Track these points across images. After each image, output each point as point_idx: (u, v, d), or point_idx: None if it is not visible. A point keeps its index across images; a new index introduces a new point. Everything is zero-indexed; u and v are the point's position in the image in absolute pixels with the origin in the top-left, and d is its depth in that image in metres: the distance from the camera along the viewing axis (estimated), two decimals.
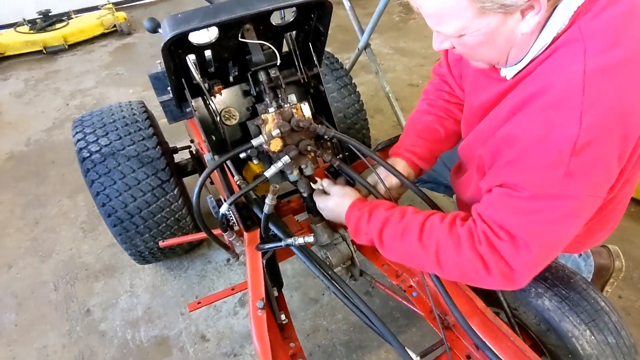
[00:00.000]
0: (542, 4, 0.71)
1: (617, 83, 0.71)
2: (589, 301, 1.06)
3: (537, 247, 0.79)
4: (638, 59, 0.72)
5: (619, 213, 1.13)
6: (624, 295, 1.69)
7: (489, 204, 0.85)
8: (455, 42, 0.83)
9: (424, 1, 0.77)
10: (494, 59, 0.86)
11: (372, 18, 2.37)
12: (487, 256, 0.82)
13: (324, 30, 1.11)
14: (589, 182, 0.74)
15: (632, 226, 1.99)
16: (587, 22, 0.74)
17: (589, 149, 0.71)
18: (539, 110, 0.76)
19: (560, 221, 0.77)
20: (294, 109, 1.11)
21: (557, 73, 0.75)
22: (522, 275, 0.83)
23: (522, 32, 0.76)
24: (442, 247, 0.88)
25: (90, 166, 1.59)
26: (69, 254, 2.21)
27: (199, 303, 1.28)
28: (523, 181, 0.78)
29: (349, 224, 1.04)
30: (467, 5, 0.72)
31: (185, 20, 0.90)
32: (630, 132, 0.74)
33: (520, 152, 0.78)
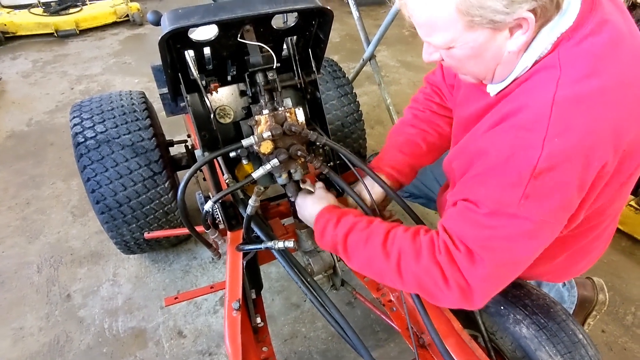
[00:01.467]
0: (530, 24, 0.71)
1: (587, 115, 0.71)
2: (567, 332, 1.05)
3: (491, 263, 0.79)
4: (613, 90, 0.72)
5: (603, 243, 1.13)
6: (607, 330, 1.68)
7: (452, 217, 0.86)
8: (444, 54, 0.83)
9: (416, 11, 0.78)
10: (480, 73, 0.86)
11: (379, 30, 2.38)
12: (445, 266, 0.82)
13: (324, 38, 1.12)
14: (545, 207, 0.74)
15: (622, 261, 1.98)
16: (568, 49, 0.75)
17: (548, 175, 0.71)
18: (510, 129, 0.77)
19: (515, 240, 0.78)
20: (288, 112, 1.11)
21: (531, 96, 0.76)
22: (477, 291, 0.82)
23: (509, 50, 0.77)
24: (403, 255, 0.88)
25: (83, 151, 1.59)
26: (56, 237, 2.20)
27: (176, 298, 1.27)
28: (484, 197, 0.79)
29: (317, 226, 1.04)
30: (457, 17, 0.73)
31: (186, 15, 0.90)
32: (593, 164, 0.73)
33: (488, 168, 0.79)
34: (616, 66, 0.73)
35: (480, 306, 0.87)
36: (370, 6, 5.48)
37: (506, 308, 1.10)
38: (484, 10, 0.70)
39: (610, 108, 0.72)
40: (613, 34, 0.75)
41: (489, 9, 0.69)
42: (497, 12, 0.69)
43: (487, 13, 0.70)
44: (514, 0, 0.68)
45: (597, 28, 0.74)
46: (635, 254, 2.00)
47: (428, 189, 1.58)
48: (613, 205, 0.95)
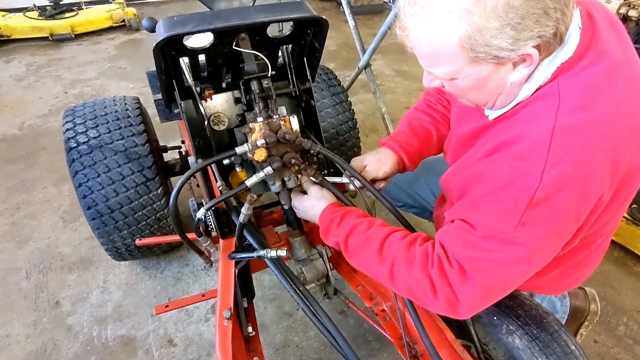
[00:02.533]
0: (534, 59, 0.71)
1: (583, 145, 0.71)
2: (559, 343, 1.05)
3: (481, 283, 0.79)
4: (609, 120, 0.73)
5: (597, 257, 1.13)
6: (599, 340, 1.68)
7: (448, 234, 0.86)
8: (445, 83, 0.83)
9: (420, 44, 0.77)
10: (481, 102, 0.87)
11: (375, 39, 2.39)
12: (436, 280, 0.83)
13: (319, 47, 1.12)
14: (540, 234, 0.75)
15: (614, 271, 1.99)
16: (568, 79, 0.75)
17: (545, 205, 0.72)
18: (508, 157, 0.77)
19: (507, 264, 0.78)
20: (283, 120, 1.11)
21: (530, 124, 0.76)
22: (465, 306, 0.83)
23: (512, 81, 0.77)
24: (397, 263, 0.89)
25: (75, 157, 1.57)
26: (46, 243, 2.17)
27: (167, 306, 1.26)
28: (480, 221, 0.79)
29: (321, 225, 1.06)
30: (460, 53, 0.72)
31: (181, 23, 0.90)
32: (590, 194, 0.74)
33: (485, 194, 0.79)
34: (612, 97, 0.74)
35: (464, 318, 0.88)
36: (367, 15, 5.53)
37: (499, 318, 1.10)
38: (489, 48, 0.70)
39: (606, 138, 0.72)
40: (610, 65, 0.75)
41: (494, 46, 0.69)
42: (502, 50, 0.69)
43: (492, 50, 0.70)
44: (520, 38, 0.68)
45: (596, 59, 0.75)
46: (628, 264, 2.01)
47: (423, 199, 1.59)
48: (608, 226, 0.96)
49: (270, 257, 0.99)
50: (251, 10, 0.96)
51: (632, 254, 2.02)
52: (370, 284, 1.30)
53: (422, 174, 1.52)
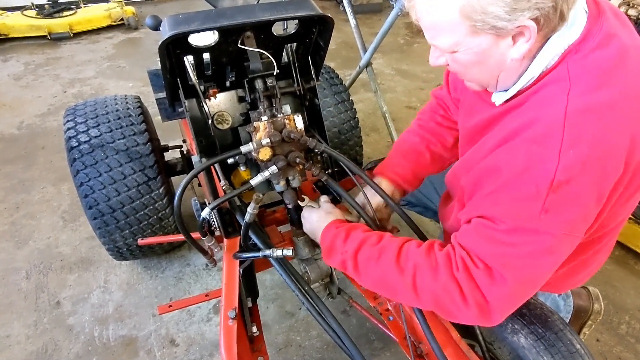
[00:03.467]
0: (532, 32, 0.71)
1: (599, 125, 0.71)
2: (564, 342, 1.05)
3: (512, 280, 0.77)
4: (622, 102, 0.72)
5: (603, 256, 1.13)
6: (602, 339, 1.68)
7: (468, 234, 0.84)
8: (449, 58, 0.83)
9: (422, 14, 0.78)
10: (484, 80, 0.87)
11: (376, 38, 2.39)
12: (463, 283, 0.80)
13: (324, 45, 1.11)
14: (565, 219, 0.74)
15: (616, 270, 1.99)
16: (576, 62, 0.75)
17: (566, 187, 0.71)
18: (523, 143, 0.76)
19: (536, 256, 0.76)
20: (287, 119, 1.10)
21: (543, 109, 0.76)
22: (496, 309, 0.80)
23: (512, 57, 0.77)
24: (419, 271, 0.85)
25: (77, 156, 1.56)
26: (45, 243, 2.16)
27: (170, 306, 1.25)
28: (501, 213, 0.77)
29: (324, 241, 1.02)
30: (460, 21, 0.73)
31: (186, 21, 0.89)
32: (609, 174, 0.73)
33: (502, 184, 0.77)
34: (624, 79, 0.74)
35: (497, 323, 0.84)
36: (366, 14, 5.53)
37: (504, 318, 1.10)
38: (486, 16, 0.70)
39: (621, 119, 0.72)
40: (620, 48, 0.75)
41: (490, 14, 0.70)
42: (499, 19, 0.70)
43: (489, 19, 0.70)
44: (516, 8, 0.68)
45: (604, 41, 0.75)
46: (629, 263, 2.02)
47: (427, 198, 1.58)
48: (616, 220, 0.95)
49: (276, 256, 0.98)
50: (256, 8, 0.96)
51: (633, 252, 2.03)
52: None
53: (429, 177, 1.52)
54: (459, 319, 0.85)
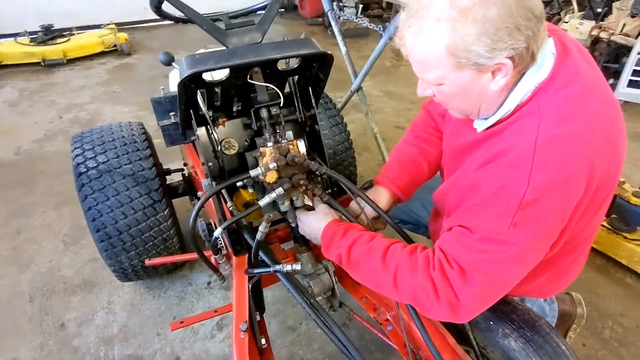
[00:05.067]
0: (508, 69, 0.84)
1: (563, 153, 0.83)
2: (551, 344, 1.14)
3: (481, 283, 0.88)
4: (584, 134, 0.84)
5: (580, 264, 1.24)
6: (587, 344, 1.78)
7: (447, 240, 0.95)
8: (435, 89, 0.95)
9: (413, 50, 0.90)
10: (467, 109, 0.99)
11: (367, 63, 2.53)
12: (438, 282, 0.90)
13: (324, 78, 1.23)
14: (531, 234, 0.85)
15: (597, 278, 2.10)
16: (546, 98, 0.88)
17: (533, 206, 0.82)
18: (500, 166, 0.88)
19: (504, 263, 0.87)
20: (291, 145, 1.20)
21: (517, 138, 0.88)
22: (465, 307, 0.90)
23: (492, 89, 0.89)
24: (400, 268, 0.97)
25: (85, 181, 1.63)
26: (48, 266, 2.20)
27: (181, 322, 1.31)
28: (477, 224, 0.88)
29: (325, 237, 1.13)
30: (446, 57, 0.84)
31: (202, 61, 1.00)
32: (572, 196, 0.84)
33: (480, 200, 0.89)
34: (586, 114, 0.86)
35: (465, 321, 0.95)
36: (353, 38, 5.74)
37: (495, 323, 1.19)
38: (469, 53, 0.82)
39: (583, 149, 0.84)
40: (583, 86, 0.88)
41: (473, 52, 0.82)
42: (480, 56, 0.82)
43: (471, 56, 0.82)
44: (495, 47, 0.80)
45: (570, 80, 0.87)
46: (610, 271, 2.13)
47: (417, 215, 1.69)
48: (587, 230, 1.06)
49: (286, 271, 1.06)
50: (264, 47, 1.07)
51: (614, 261, 2.15)
52: (373, 295, 1.38)
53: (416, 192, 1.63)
54: (432, 313, 0.96)
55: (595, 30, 4.25)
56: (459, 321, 0.95)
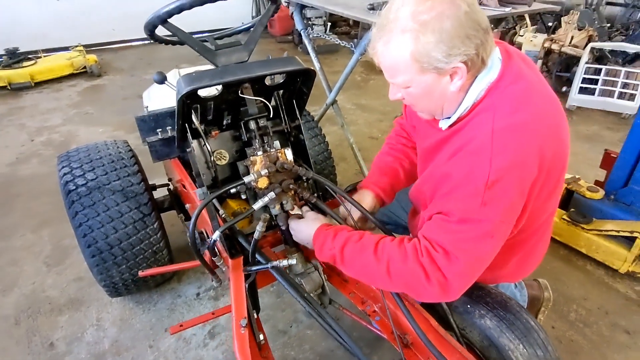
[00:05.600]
0: (463, 72, 0.98)
1: (516, 139, 0.97)
2: (522, 321, 1.27)
3: (464, 260, 1.00)
4: (532, 122, 0.99)
5: (542, 247, 1.39)
6: (556, 326, 1.94)
7: (429, 228, 1.07)
8: (404, 92, 1.09)
9: (383, 58, 1.04)
10: (432, 109, 1.13)
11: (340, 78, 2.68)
12: (427, 266, 1.02)
13: (307, 91, 1.35)
14: (499, 210, 0.98)
15: (561, 267, 2.29)
16: (498, 95, 1.03)
17: (498, 185, 0.95)
18: (465, 155, 1.02)
19: (481, 239, 1.00)
20: (279, 153, 1.31)
21: (477, 130, 1.02)
22: (454, 284, 1.02)
23: (451, 90, 1.03)
24: (392, 259, 1.08)
25: (75, 198, 1.67)
26: (31, 288, 2.18)
27: (180, 326, 1.37)
28: (453, 208, 1.01)
29: (317, 242, 1.22)
30: (411, 63, 0.99)
31: (198, 78, 1.10)
32: (528, 175, 0.99)
33: (452, 187, 1.02)
34: (532, 105, 1.01)
35: (455, 298, 1.06)
36: (324, 54, 5.94)
37: (472, 306, 1.31)
38: (430, 59, 0.97)
39: (532, 134, 0.99)
40: (527, 83, 1.04)
41: (433, 58, 0.96)
42: (439, 61, 0.96)
43: (432, 61, 0.97)
44: (450, 54, 0.95)
45: (515, 79, 1.03)
46: (572, 260, 2.32)
47: (396, 216, 1.82)
48: (545, 213, 1.21)
49: (282, 266, 1.15)
50: (254, 65, 1.17)
51: (575, 251, 2.34)
52: (360, 290, 1.48)
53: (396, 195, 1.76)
54: (424, 296, 1.07)
55: (547, 42, 4.60)
56: (449, 299, 1.06)
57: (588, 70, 4.09)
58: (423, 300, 1.14)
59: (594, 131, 3.95)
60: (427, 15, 0.93)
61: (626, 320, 1.97)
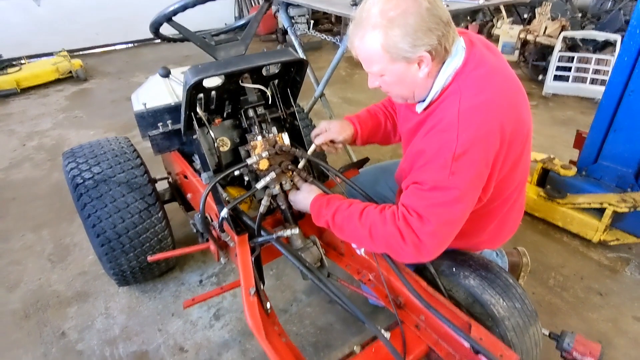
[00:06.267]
0: (428, 60, 1.12)
1: (480, 116, 1.11)
2: (501, 279, 1.42)
3: (435, 222, 1.14)
4: (493, 101, 1.13)
5: (517, 214, 1.54)
6: (536, 292, 2.10)
7: (406, 195, 1.22)
8: (380, 81, 1.23)
9: (360, 51, 1.18)
10: (405, 95, 1.26)
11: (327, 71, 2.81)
12: (403, 229, 1.17)
13: (300, 80, 1.47)
14: (466, 178, 1.12)
15: (540, 240, 2.45)
16: (463, 79, 1.17)
17: (464, 157, 1.09)
18: (436, 133, 1.16)
19: (450, 204, 1.14)
20: (277, 137, 1.43)
21: (446, 111, 1.16)
22: (427, 244, 1.16)
23: (420, 77, 1.17)
24: (373, 224, 1.23)
25: (83, 191, 1.77)
26: (37, 284, 2.25)
27: (193, 300, 1.48)
28: (425, 178, 1.16)
29: (313, 209, 1.37)
30: (383, 54, 1.13)
31: (204, 70, 1.21)
32: (491, 147, 1.12)
33: (426, 160, 1.16)
34: (494, 87, 1.15)
35: (429, 258, 1.21)
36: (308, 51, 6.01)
37: (457, 269, 1.45)
38: (398, 50, 1.11)
39: (494, 112, 1.13)
40: (489, 67, 1.18)
41: (400, 49, 1.10)
42: (406, 51, 1.11)
43: (400, 52, 1.11)
44: (415, 44, 1.09)
45: (478, 65, 1.17)
46: (550, 233, 2.50)
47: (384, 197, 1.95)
48: (513, 183, 1.35)
49: (287, 235, 1.28)
50: (253, 57, 1.29)
51: (552, 225, 2.51)
52: (356, 262, 1.61)
53: (381, 176, 1.89)
54: (402, 257, 1.22)
55: (522, 33, 4.80)
56: (423, 258, 1.21)
57: (562, 59, 4.30)
58: (402, 261, 1.29)
59: (568, 116, 4.15)
60: (394, 12, 1.07)
61: (599, 283, 2.14)
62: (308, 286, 2.17)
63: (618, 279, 2.17)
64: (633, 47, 2.08)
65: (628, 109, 2.18)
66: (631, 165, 2.26)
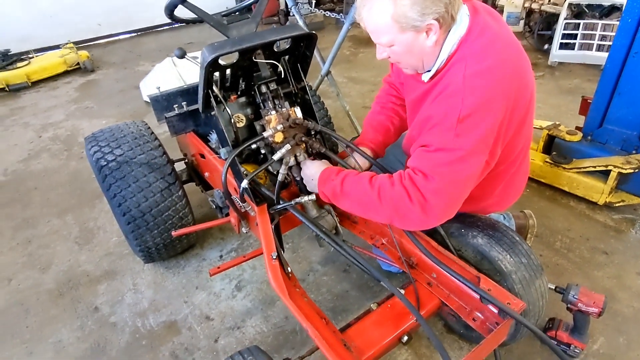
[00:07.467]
0: (436, 28, 1.17)
1: (483, 82, 1.16)
2: (508, 237, 1.50)
3: (440, 180, 1.19)
4: (496, 68, 1.18)
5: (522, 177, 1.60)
6: (544, 254, 2.17)
7: (413, 158, 1.28)
8: (389, 51, 1.28)
9: (368, 23, 1.23)
10: (414, 64, 1.31)
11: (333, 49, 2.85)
12: (409, 188, 1.22)
13: (310, 55, 1.53)
14: (470, 140, 1.17)
15: (547, 205, 2.52)
16: (467, 47, 1.21)
17: (469, 119, 1.15)
18: (443, 98, 1.22)
19: (454, 163, 1.18)
20: (290, 111, 1.50)
21: (452, 78, 1.21)
22: (432, 203, 1.20)
23: (428, 45, 1.22)
24: (382, 186, 1.28)
25: (107, 172, 1.87)
26: (67, 265, 2.38)
27: (218, 267, 1.58)
28: (432, 140, 1.21)
29: (321, 178, 1.42)
30: (392, 24, 1.17)
31: (220, 47, 1.28)
32: (495, 111, 1.17)
33: (433, 124, 1.22)
34: (496, 54, 1.20)
35: (436, 221, 1.26)
36: None
37: (465, 230, 1.53)
38: (407, 19, 1.15)
39: (497, 78, 1.18)
40: (492, 35, 1.22)
41: (410, 18, 1.15)
42: (415, 20, 1.15)
43: (409, 21, 1.15)
44: (424, 13, 1.14)
45: (481, 32, 1.21)
46: (557, 199, 2.56)
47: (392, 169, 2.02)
48: (518, 146, 1.41)
49: (305, 201, 1.36)
50: (265, 33, 1.36)
51: (559, 190, 2.57)
52: (370, 228, 1.70)
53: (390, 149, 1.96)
54: (409, 219, 1.25)
55: (527, 2, 4.75)
56: (430, 222, 1.25)
57: (567, 26, 4.26)
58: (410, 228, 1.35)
59: (575, 84, 4.15)
60: None
61: (604, 243, 2.21)
62: (323, 257, 2.27)
63: (623, 239, 2.24)
64: (637, 8, 2.10)
65: (632, 71, 2.21)
66: (636, 128, 2.30)
